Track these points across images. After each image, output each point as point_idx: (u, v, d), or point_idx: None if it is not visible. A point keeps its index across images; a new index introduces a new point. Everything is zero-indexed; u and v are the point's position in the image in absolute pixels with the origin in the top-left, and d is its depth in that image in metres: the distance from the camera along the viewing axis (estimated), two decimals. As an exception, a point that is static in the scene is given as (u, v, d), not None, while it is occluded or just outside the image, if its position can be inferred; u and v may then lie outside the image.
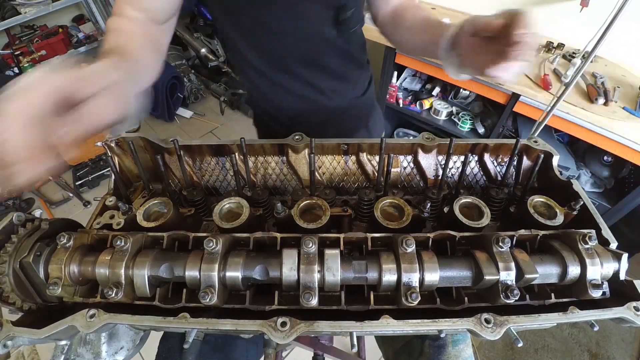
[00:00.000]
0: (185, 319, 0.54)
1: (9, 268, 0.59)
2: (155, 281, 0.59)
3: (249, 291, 0.60)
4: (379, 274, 0.57)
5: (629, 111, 1.91)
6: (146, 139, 0.78)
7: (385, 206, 0.69)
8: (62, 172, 0.58)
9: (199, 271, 0.55)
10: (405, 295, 0.54)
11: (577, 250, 0.59)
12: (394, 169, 0.82)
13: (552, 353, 2.14)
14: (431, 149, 0.80)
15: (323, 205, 0.68)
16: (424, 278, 0.56)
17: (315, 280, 0.55)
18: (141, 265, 0.57)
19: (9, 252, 0.59)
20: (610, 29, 1.46)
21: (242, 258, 0.58)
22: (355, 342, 0.53)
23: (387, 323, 0.53)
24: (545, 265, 0.59)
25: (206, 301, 0.54)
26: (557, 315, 0.55)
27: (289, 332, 0.52)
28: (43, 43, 3.55)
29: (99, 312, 0.54)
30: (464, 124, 2.64)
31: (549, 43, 2.35)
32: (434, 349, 0.83)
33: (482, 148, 0.82)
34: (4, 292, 0.60)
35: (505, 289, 0.55)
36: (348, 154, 0.83)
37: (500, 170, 0.84)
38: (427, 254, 0.58)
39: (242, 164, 0.79)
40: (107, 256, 0.58)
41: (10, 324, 0.55)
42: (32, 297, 0.62)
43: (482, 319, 0.53)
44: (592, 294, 0.57)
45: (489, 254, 0.58)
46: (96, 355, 0.73)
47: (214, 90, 4.06)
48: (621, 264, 0.59)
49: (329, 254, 0.57)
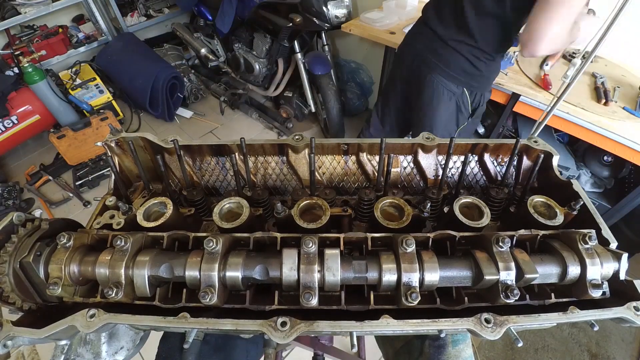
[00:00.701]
0: (185, 319, 0.54)
1: (9, 268, 0.59)
2: (155, 281, 0.59)
3: (249, 291, 0.60)
4: (379, 273, 0.57)
5: (629, 111, 1.91)
6: (146, 139, 0.78)
7: (385, 206, 0.69)
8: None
9: (199, 271, 0.55)
10: (405, 295, 0.54)
11: (577, 250, 0.58)
12: (394, 168, 0.82)
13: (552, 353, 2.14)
14: (431, 149, 0.80)
15: (323, 205, 0.68)
16: (424, 278, 0.56)
17: (315, 280, 0.55)
18: (141, 265, 0.57)
19: (9, 252, 0.59)
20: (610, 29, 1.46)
21: (242, 258, 0.58)
22: (355, 342, 0.53)
23: (387, 323, 0.53)
24: (545, 265, 0.59)
25: (206, 301, 0.54)
26: (557, 315, 0.55)
27: (289, 332, 0.52)
28: (43, 43, 3.55)
29: (99, 312, 0.54)
30: (464, 124, 2.63)
31: (549, 43, 2.34)
32: (434, 349, 0.83)
33: (482, 148, 0.82)
34: (4, 292, 0.60)
35: (505, 289, 0.55)
36: (348, 154, 0.83)
37: (500, 170, 0.84)
38: (427, 253, 0.58)
39: (242, 164, 0.79)
40: (107, 256, 0.58)
41: (10, 323, 0.55)
42: (32, 297, 0.62)
43: (482, 319, 0.53)
44: (592, 293, 0.57)
45: (489, 254, 0.58)
46: (96, 355, 0.73)
47: (214, 90, 4.06)
48: (621, 263, 0.59)
49: (329, 254, 0.57)
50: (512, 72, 2.18)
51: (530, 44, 1.33)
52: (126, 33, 4.00)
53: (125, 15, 4.11)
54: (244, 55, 3.51)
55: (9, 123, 3.11)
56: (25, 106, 3.16)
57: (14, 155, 3.52)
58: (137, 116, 3.78)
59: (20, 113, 3.15)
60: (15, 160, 3.52)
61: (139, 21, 4.18)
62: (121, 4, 4.06)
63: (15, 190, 3.08)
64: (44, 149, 3.54)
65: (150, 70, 3.48)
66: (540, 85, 2.06)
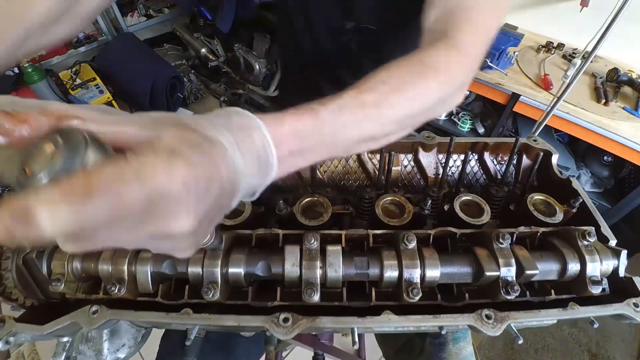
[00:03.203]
0: (187, 315, 0.54)
1: (12, 264, 0.59)
2: (158, 277, 0.59)
3: (251, 287, 0.61)
4: (381, 270, 0.57)
5: (629, 111, 1.92)
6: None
7: (386, 203, 0.70)
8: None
9: (201, 267, 0.56)
10: (406, 292, 0.55)
11: (576, 247, 0.59)
12: (394, 167, 0.82)
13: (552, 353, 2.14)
14: (431, 147, 0.81)
15: (324, 203, 0.68)
16: (425, 274, 0.56)
17: (317, 276, 0.55)
18: (144, 261, 0.57)
19: (12, 249, 0.59)
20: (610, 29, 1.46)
21: (245, 254, 0.58)
22: (356, 339, 0.54)
23: (389, 319, 0.53)
24: (545, 261, 0.59)
25: (209, 297, 0.54)
26: (557, 312, 0.56)
27: (291, 327, 0.52)
28: (43, 43, 3.55)
29: (102, 308, 0.55)
30: (464, 124, 2.64)
31: (548, 43, 2.35)
32: (434, 347, 0.83)
33: (482, 147, 0.82)
34: (7, 289, 0.60)
35: (506, 285, 0.55)
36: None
37: (500, 169, 0.85)
38: (428, 250, 0.58)
39: (244, 162, 0.79)
40: (110, 252, 0.58)
41: (12, 320, 0.56)
42: (35, 294, 0.62)
43: (482, 315, 0.54)
44: (591, 290, 0.57)
45: (490, 251, 0.58)
46: (98, 352, 0.74)
47: (214, 90, 4.07)
48: (620, 260, 0.59)
49: (331, 250, 0.57)
50: (512, 72, 2.18)
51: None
52: (126, 33, 4.00)
53: (125, 15, 4.11)
54: (244, 55, 3.51)
55: (9, 123, 3.11)
56: (26, 106, 3.16)
57: (14, 155, 3.52)
58: (137, 116, 3.78)
59: (21, 113, 3.15)
60: (16, 160, 3.52)
61: (139, 21, 4.18)
62: (121, 4, 4.06)
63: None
64: (44, 149, 3.54)
65: (150, 70, 3.48)
66: (540, 85, 2.07)
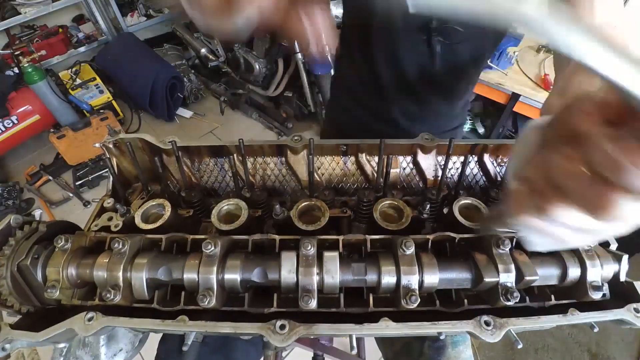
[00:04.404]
0: (183, 322, 0.54)
1: (7, 271, 0.58)
2: (154, 284, 0.59)
3: (247, 294, 0.60)
4: (378, 276, 0.56)
5: (630, 111, 1.91)
6: (144, 139, 0.78)
7: (384, 207, 0.69)
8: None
9: (197, 274, 0.55)
10: (404, 298, 0.54)
11: (577, 252, 0.58)
12: (393, 169, 0.82)
13: (552, 353, 2.14)
14: (430, 149, 0.80)
15: (322, 207, 0.67)
16: (423, 280, 0.56)
17: (314, 282, 0.55)
18: (139, 267, 0.57)
19: (6, 255, 0.59)
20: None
21: (241, 260, 0.57)
22: (354, 345, 0.53)
23: (387, 325, 0.53)
24: (545, 266, 0.58)
25: (205, 304, 0.53)
26: (557, 317, 0.55)
27: (288, 334, 0.51)
28: (43, 43, 3.55)
29: (97, 315, 0.54)
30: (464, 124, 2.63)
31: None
32: (433, 350, 0.83)
33: (482, 148, 0.81)
34: (2, 295, 0.59)
35: (505, 291, 0.55)
36: (347, 154, 0.83)
37: (500, 171, 0.84)
38: (426, 256, 0.58)
39: (241, 165, 0.78)
40: (105, 259, 0.58)
41: (8, 326, 0.55)
42: (30, 300, 0.62)
43: (481, 321, 0.53)
44: (592, 295, 0.56)
45: (489, 256, 0.58)
46: (95, 357, 0.73)
47: (214, 90, 4.06)
48: (621, 265, 0.59)
49: (327, 257, 0.56)
50: (512, 72, 2.17)
51: None
52: (126, 33, 4.00)
53: (125, 15, 4.11)
54: (244, 55, 3.50)
55: (9, 123, 3.12)
56: (25, 106, 3.16)
57: (14, 155, 3.52)
58: (137, 116, 3.78)
59: (20, 113, 3.15)
60: (15, 160, 3.52)
61: (139, 21, 4.18)
62: (121, 4, 4.05)
63: (15, 190, 3.09)
64: (44, 149, 3.54)
65: (150, 70, 3.48)
66: (540, 85, 2.06)
